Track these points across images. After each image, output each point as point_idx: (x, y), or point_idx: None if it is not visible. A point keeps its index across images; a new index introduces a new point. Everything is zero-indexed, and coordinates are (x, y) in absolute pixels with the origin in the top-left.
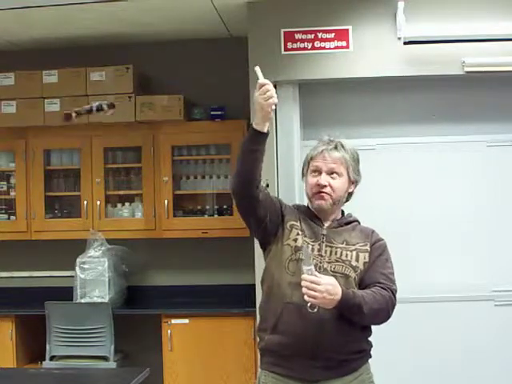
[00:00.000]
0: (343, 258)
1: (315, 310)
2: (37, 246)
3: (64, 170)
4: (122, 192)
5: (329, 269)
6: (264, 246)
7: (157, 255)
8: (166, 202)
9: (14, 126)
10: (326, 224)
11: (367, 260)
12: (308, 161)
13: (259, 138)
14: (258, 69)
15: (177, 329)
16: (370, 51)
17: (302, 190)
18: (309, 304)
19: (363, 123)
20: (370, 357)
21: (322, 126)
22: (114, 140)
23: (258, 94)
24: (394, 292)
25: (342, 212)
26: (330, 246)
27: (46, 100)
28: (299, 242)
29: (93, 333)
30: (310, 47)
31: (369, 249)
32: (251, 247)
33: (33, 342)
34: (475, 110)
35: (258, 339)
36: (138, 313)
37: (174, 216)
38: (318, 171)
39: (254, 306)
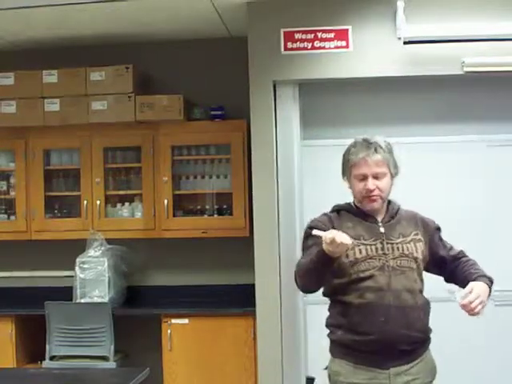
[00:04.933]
0: (405, 252)
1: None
2: (37, 245)
3: (64, 170)
4: (121, 192)
5: (395, 265)
6: None
7: (156, 255)
8: (165, 201)
9: (13, 126)
10: (379, 219)
11: (423, 248)
12: (350, 166)
13: (330, 260)
14: (316, 231)
15: (176, 329)
16: (369, 51)
17: (302, 189)
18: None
19: (363, 123)
20: (431, 341)
21: (322, 125)
22: (113, 140)
23: (335, 249)
24: (465, 252)
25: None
26: (391, 243)
27: (45, 100)
28: (350, 255)
29: (93, 333)
30: (309, 47)
31: (422, 238)
32: (251, 247)
33: (33, 342)
34: (475, 110)
35: None
36: (137, 313)
37: (174, 216)
38: (364, 176)
39: (254, 306)
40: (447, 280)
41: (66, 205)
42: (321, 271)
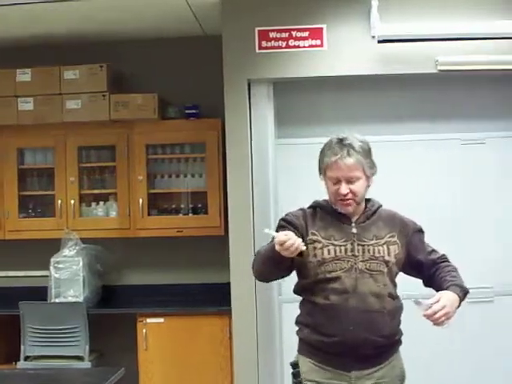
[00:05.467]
0: (376, 254)
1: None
2: (11, 245)
3: (38, 169)
4: (96, 191)
5: (364, 268)
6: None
7: (132, 254)
8: (140, 200)
9: None
10: (354, 219)
11: (398, 251)
12: (324, 167)
13: (281, 259)
14: (267, 230)
15: (152, 328)
16: (344, 50)
17: (277, 188)
18: (446, 325)
19: (337, 121)
20: (401, 344)
21: (296, 124)
22: (88, 139)
23: (284, 252)
24: (447, 257)
25: (365, 200)
26: (362, 245)
27: (19, 99)
28: (318, 255)
29: (67, 332)
30: (284, 46)
31: (397, 240)
32: (226, 246)
33: (7, 343)
34: (449, 108)
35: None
36: (112, 312)
37: (149, 215)
38: (337, 180)
39: (229, 305)
40: (425, 284)
41: (41, 204)
42: (273, 266)
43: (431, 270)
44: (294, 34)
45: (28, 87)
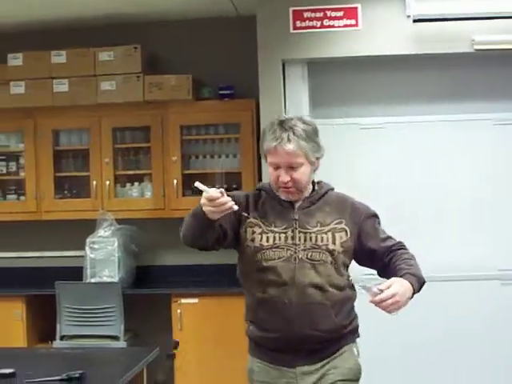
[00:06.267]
0: (319, 242)
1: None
2: (47, 226)
3: (73, 151)
4: (131, 172)
5: (304, 257)
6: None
7: (166, 235)
8: (175, 181)
9: (22, 107)
10: (297, 205)
11: (345, 239)
12: (265, 153)
13: (205, 220)
14: (198, 183)
15: (186, 308)
16: (379, 29)
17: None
18: (393, 313)
19: (372, 102)
20: (355, 335)
21: (331, 104)
22: (122, 120)
23: (212, 209)
24: (404, 244)
25: (313, 183)
26: (304, 232)
27: (54, 80)
28: (257, 240)
29: (103, 312)
30: (318, 25)
31: (345, 227)
32: None
33: (43, 322)
34: (484, 88)
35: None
36: (147, 292)
37: (183, 195)
38: (277, 166)
39: None
40: (380, 274)
41: (76, 185)
42: (196, 227)
43: (385, 259)
44: (328, 13)
45: (63, 69)
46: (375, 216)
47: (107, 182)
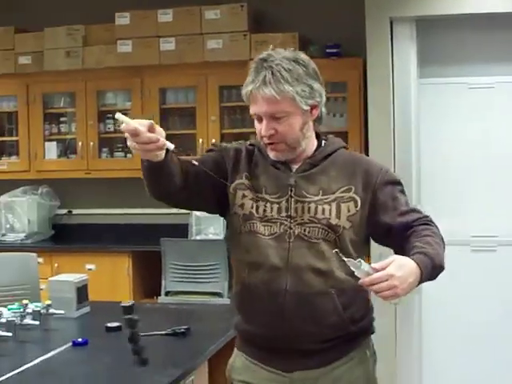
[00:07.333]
0: (319, 216)
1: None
2: None
3: (180, 109)
4: (236, 130)
5: (301, 234)
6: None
7: None
8: None
9: (129, 65)
10: (296, 166)
11: (354, 212)
12: (246, 100)
13: (157, 166)
14: (118, 115)
15: None
16: None
17: (419, 129)
18: (393, 302)
19: (482, 61)
20: (370, 333)
21: (439, 63)
22: (229, 78)
23: (135, 145)
24: (431, 220)
25: (319, 139)
26: (302, 201)
27: (161, 39)
28: (247, 207)
29: (207, 269)
30: None
31: (355, 196)
32: None
33: (149, 278)
34: None
35: None
36: None
37: None
38: (259, 117)
39: None
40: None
41: (182, 143)
42: (144, 173)
43: (403, 236)
44: None
45: (169, 27)
46: (396, 183)
47: (213, 140)
